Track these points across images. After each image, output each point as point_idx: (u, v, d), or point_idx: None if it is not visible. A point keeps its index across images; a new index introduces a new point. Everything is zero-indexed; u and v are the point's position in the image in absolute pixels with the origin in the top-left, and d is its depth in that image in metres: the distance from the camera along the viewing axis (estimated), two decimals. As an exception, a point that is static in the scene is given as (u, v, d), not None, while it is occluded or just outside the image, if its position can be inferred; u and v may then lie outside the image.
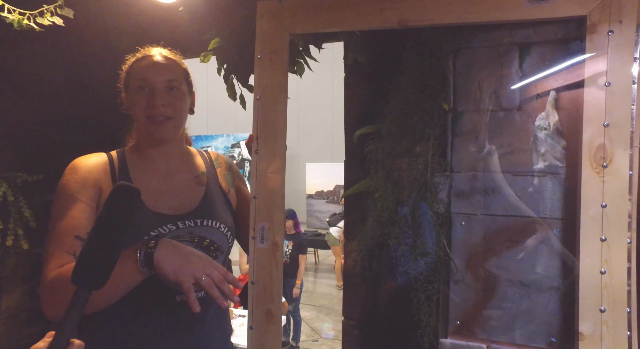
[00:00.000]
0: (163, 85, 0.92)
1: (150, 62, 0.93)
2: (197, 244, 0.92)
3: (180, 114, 0.95)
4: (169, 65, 0.94)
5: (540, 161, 0.95)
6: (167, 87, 0.92)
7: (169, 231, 0.90)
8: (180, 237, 0.91)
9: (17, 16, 1.04)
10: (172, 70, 0.94)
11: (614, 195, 0.83)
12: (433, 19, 0.94)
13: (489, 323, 0.98)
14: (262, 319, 0.98)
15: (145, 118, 0.91)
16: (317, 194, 8.23)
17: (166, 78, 0.92)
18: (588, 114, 0.85)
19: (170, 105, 0.92)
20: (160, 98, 0.90)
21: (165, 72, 0.93)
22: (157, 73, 0.92)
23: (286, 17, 1.01)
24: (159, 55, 0.95)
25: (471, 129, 1.01)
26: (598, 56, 0.84)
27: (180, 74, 0.96)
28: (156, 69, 0.92)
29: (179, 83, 0.94)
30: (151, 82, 0.91)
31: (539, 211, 0.95)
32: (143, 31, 1.45)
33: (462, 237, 1.02)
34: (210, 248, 0.95)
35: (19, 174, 1.41)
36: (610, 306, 0.83)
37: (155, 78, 0.91)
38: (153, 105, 0.89)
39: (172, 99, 0.92)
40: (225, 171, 1.07)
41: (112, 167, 0.94)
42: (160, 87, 0.91)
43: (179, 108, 0.94)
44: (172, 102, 0.92)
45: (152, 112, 0.90)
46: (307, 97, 7.93)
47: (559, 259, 0.93)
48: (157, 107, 0.90)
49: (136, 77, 0.92)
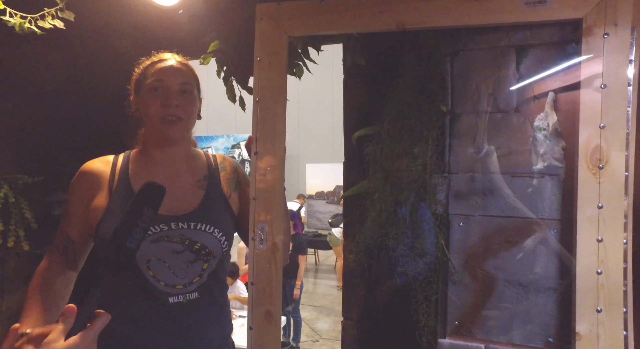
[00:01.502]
0: (177, 87, 0.95)
1: (166, 65, 0.97)
2: (187, 246, 0.93)
3: (190, 116, 0.98)
4: (182, 70, 0.98)
5: (540, 161, 0.96)
6: (181, 89, 0.96)
7: (160, 230, 0.91)
8: (171, 239, 0.92)
9: (18, 20, 1.05)
10: (186, 74, 0.98)
11: (610, 196, 0.84)
12: (430, 21, 0.94)
13: (487, 323, 0.99)
14: (261, 320, 0.99)
15: (159, 118, 0.94)
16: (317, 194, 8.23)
17: (181, 81, 0.96)
18: (584, 115, 0.86)
19: (182, 106, 0.95)
20: (175, 99, 0.94)
21: (180, 75, 0.96)
22: (173, 75, 0.95)
23: (285, 20, 1.01)
24: (173, 60, 0.99)
25: (469, 130, 1.02)
26: (594, 58, 0.85)
27: (193, 79, 1.00)
28: (172, 71, 0.96)
29: (191, 87, 0.98)
30: (166, 84, 0.95)
31: (537, 212, 0.96)
32: (143, 34, 1.46)
33: (460, 238, 1.02)
34: (201, 252, 0.95)
35: (20, 176, 1.42)
36: (606, 306, 0.83)
37: (170, 80, 0.95)
38: (167, 105, 0.93)
39: (184, 101, 0.96)
40: (229, 175, 1.07)
41: (113, 170, 0.96)
42: (174, 89, 0.95)
43: (189, 111, 0.97)
44: (184, 104, 0.95)
45: (165, 112, 0.93)
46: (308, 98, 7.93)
47: (556, 260, 0.94)
48: (171, 107, 0.93)
49: (151, 78, 0.95)
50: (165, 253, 0.91)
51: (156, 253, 0.90)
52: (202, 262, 0.95)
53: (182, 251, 0.93)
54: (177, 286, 0.93)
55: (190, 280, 0.94)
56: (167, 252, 0.91)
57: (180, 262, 0.93)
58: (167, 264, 0.92)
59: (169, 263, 0.92)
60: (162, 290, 0.91)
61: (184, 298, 0.93)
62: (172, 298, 0.92)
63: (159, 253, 0.90)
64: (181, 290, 0.93)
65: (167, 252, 0.91)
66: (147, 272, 0.90)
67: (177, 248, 0.92)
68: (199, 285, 0.95)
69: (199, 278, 0.96)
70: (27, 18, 1.08)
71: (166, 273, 0.92)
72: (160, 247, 0.91)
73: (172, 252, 0.92)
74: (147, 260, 0.90)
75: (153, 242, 0.90)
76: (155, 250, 0.90)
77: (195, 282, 0.95)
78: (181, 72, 0.97)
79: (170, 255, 0.92)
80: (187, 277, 0.94)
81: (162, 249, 0.91)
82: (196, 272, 0.95)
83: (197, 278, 0.95)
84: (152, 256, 0.90)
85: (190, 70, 1.00)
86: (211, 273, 0.97)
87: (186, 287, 0.93)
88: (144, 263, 0.90)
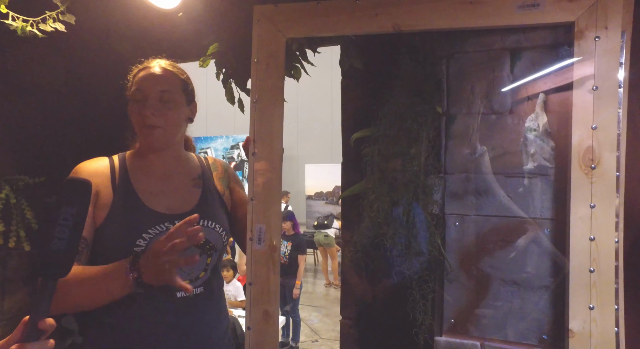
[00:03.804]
0: (156, 95, 0.95)
1: (146, 73, 0.97)
2: None
3: (172, 123, 0.98)
4: (164, 77, 0.98)
5: (530, 161, 0.97)
6: (159, 97, 0.96)
7: (166, 229, 0.93)
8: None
9: (20, 23, 1.07)
10: (168, 81, 0.98)
11: (602, 196, 0.85)
12: (426, 24, 0.96)
13: (483, 321, 1.00)
14: (259, 320, 1.00)
15: (139, 126, 0.96)
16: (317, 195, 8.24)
17: (159, 89, 0.96)
18: (576, 117, 0.87)
19: (161, 115, 0.95)
20: (151, 108, 0.94)
21: (159, 82, 0.97)
22: (152, 84, 0.96)
23: (282, 22, 1.03)
24: (157, 67, 0.99)
25: (464, 131, 1.04)
26: (585, 61, 0.86)
27: (176, 85, 0.99)
28: (151, 80, 0.96)
29: (171, 94, 0.98)
30: (145, 93, 0.95)
31: (530, 212, 0.97)
32: (143, 36, 1.47)
33: (455, 237, 1.04)
34: (206, 247, 0.98)
35: (21, 177, 1.43)
36: (598, 303, 0.85)
37: (148, 89, 0.95)
38: (144, 114, 0.94)
39: (164, 109, 0.96)
40: (221, 174, 1.11)
41: (113, 171, 0.98)
42: (152, 98, 0.95)
43: (170, 118, 0.97)
44: (163, 112, 0.95)
45: (142, 122, 0.94)
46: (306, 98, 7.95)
47: (549, 259, 0.95)
48: (148, 117, 0.94)
49: (134, 87, 0.97)
50: None
51: None
52: (207, 256, 0.98)
53: (187, 247, 0.94)
54: (184, 281, 0.94)
55: (197, 275, 0.97)
56: None
57: None
58: None
59: None
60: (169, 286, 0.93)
61: (190, 293, 0.95)
62: (179, 293, 0.94)
63: None
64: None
65: None
66: None
67: None
68: (204, 280, 0.98)
69: (204, 272, 0.98)
70: (29, 21, 1.09)
71: None
72: None
73: None
74: None
75: None
76: None
77: (201, 277, 0.98)
78: (162, 79, 0.97)
79: None
80: (194, 272, 0.97)
81: None
82: (202, 267, 0.98)
83: (202, 272, 0.98)
84: None
85: (174, 75, 1.00)
86: (213, 267, 1.00)
87: (193, 282, 0.96)
88: None
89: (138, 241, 0.91)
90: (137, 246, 0.91)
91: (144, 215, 0.94)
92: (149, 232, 0.92)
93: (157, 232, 0.92)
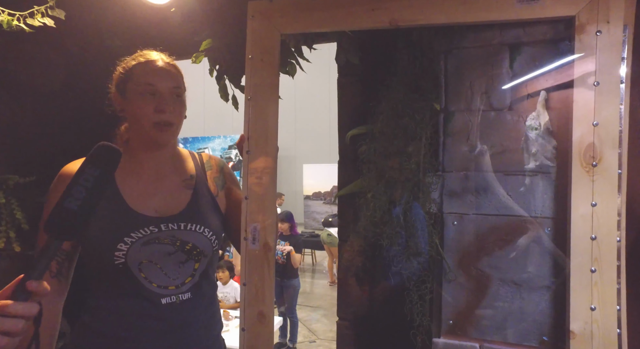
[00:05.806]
0: (170, 92, 0.93)
1: (156, 68, 0.94)
2: (179, 247, 0.92)
3: (181, 120, 0.97)
4: (174, 73, 0.96)
5: (532, 160, 0.95)
6: (174, 94, 0.94)
7: (150, 232, 0.90)
8: (162, 240, 0.91)
9: (6, 17, 1.04)
10: (177, 77, 0.97)
11: (604, 194, 0.83)
12: (424, 18, 0.94)
13: (482, 322, 0.98)
14: (254, 321, 0.98)
15: (151, 123, 0.91)
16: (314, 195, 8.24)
17: (173, 85, 0.94)
18: (577, 113, 0.86)
19: (175, 112, 0.93)
20: (169, 105, 0.92)
21: (172, 79, 0.94)
22: (165, 79, 0.93)
23: (277, 17, 1.01)
24: (162, 61, 0.96)
25: (462, 128, 1.02)
26: (587, 56, 0.85)
27: (182, 81, 0.98)
28: (163, 76, 0.93)
29: (182, 90, 0.96)
30: (159, 89, 0.92)
31: (530, 210, 0.95)
32: (135, 32, 1.44)
33: (454, 236, 1.02)
34: (193, 252, 0.95)
35: (11, 176, 1.41)
36: (600, 304, 0.83)
37: (163, 85, 0.92)
38: (162, 111, 0.90)
39: (177, 106, 0.94)
40: (216, 174, 1.07)
41: None
42: (168, 94, 0.92)
43: (181, 115, 0.96)
44: (177, 109, 0.94)
45: (159, 118, 0.91)
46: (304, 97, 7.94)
47: (550, 258, 0.93)
48: (165, 114, 0.91)
49: (141, 81, 0.92)
50: (157, 255, 0.90)
51: (148, 256, 0.89)
52: (194, 262, 0.95)
53: (173, 252, 0.92)
54: (170, 286, 0.92)
55: (183, 281, 0.94)
56: (158, 254, 0.90)
57: (172, 263, 0.92)
58: (159, 265, 0.91)
59: (160, 265, 0.91)
60: (155, 291, 0.90)
61: (176, 299, 0.92)
62: (164, 299, 0.91)
63: (150, 256, 0.90)
64: (174, 291, 0.92)
65: (158, 255, 0.90)
66: (138, 274, 0.89)
67: (169, 249, 0.91)
68: (191, 285, 0.95)
69: (191, 278, 0.95)
70: (16, 15, 1.06)
71: (158, 275, 0.91)
72: (151, 249, 0.90)
73: (163, 254, 0.91)
74: (139, 263, 0.89)
75: (144, 245, 0.89)
76: (146, 253, 0.89)
77: (187, 282, 0.94)
78: (172, 76, 0.95)
79: (162, 257, 0.91)
80: (180, 278, 0.93)
81: (153, 252, 0.90)
82: (188, 272, 0.94)
83: (189, 278, 0.95)
84: (143, 258, 0.89)
85: (179, 72, 0.99)
86: (202, 272, 0.97)
87: (179, 288, 0.93)
88: (135, 265, 0.89)
89: (119, 245, 0.87)
90: (118, 250, 0.87)
91: (127, 218, 0.90)
92: (132, 235, 0.88)
93: (140, 236, 0.89)
